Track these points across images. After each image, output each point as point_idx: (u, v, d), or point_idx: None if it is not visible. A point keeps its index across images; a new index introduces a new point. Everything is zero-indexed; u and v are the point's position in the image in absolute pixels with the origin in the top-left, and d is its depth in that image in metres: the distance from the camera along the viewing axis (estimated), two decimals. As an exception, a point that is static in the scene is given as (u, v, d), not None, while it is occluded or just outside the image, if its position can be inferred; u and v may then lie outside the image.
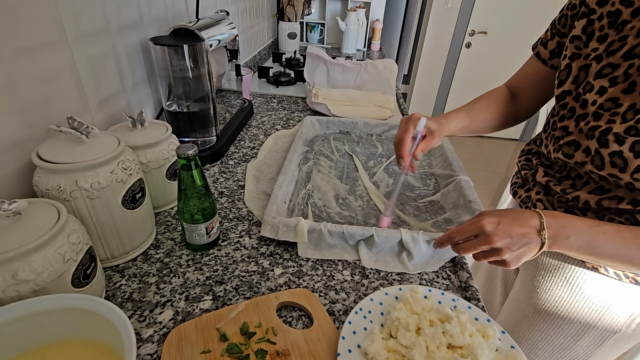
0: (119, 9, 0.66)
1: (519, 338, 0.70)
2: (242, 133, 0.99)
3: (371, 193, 0.74)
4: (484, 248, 0.48)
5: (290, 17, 1.80)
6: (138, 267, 0.54)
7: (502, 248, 0.46)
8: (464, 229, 0.50)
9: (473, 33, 3.03)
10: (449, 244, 0.52)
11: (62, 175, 0.45)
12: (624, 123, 0.46)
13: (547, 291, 0.64)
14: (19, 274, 0.36)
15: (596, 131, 0.49)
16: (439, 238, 0.54)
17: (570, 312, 0.62)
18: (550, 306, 0.64)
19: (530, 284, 0.67)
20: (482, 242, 0.47)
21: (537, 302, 0.66)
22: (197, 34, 0.72)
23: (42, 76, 0.51)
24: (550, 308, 0.64)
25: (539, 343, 0.67)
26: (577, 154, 0.53)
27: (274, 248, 0.60)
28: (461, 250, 0.50)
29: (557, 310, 0.64)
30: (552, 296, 0.64)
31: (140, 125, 0.61)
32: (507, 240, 0.46)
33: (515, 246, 0.46)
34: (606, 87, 0.49)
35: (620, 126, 0.46)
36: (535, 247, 0.47)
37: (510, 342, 0.44)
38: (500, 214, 0.49)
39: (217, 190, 0.74)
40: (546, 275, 0.64)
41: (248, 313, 0.46)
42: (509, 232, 0.46)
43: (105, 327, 0.35)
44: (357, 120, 0.99)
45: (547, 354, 0.67)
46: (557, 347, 0.66)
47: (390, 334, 0.44)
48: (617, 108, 0.48)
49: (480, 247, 0.48)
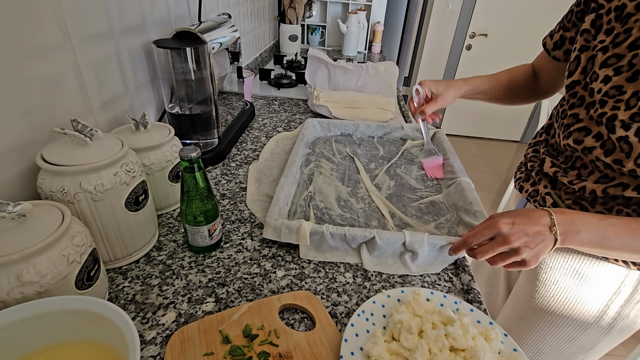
0: (122, 12, 0.67)
1: (525, 331, 0.70)
2: (244, 135, 0.99)
3: (373, 195, 0.74)
4: (502, 249, 0.48)
5: (291, 19, 1.81)
6: (141, 269, 0.54)
7: (520, 247, 0.47)
8: (479, 232, 0.50)
9: (474, 35, 3.04)
10: (464, 249, 0.52)
11: (66, 178, 0.45)
12: (627, 110, 0.48)
13: (555, 282, 0.65)
14: (24, 276, 0.36)
15: (603, 118, 0.51)
16: (454, 244, 0.54)
17: (577, 301, 0.63)
18: (557, 297, 0.65)
19: (534, 276, 0.67)
20: (500, 243, 0.48)
21: (544, 294, 0.66)
22: (200, 37, 0.72)
23: (46, 79, 0.52)
24: (557, 299, 0.65)
25: (545, 335, 0.68)
26: (587, 140, 0.54)
27: (276, 250, 0.60)
28: (479, 255, 0.50)
29: (564, 300, 0.64)
30: (559, 287, 0.64)
31: (143, 128, 0.61)
32: (525, 239, 0.47)
33: (532, 244, 0.47)
34: (610, 75, 0.51)
35: (624, 113, 0.48)
36: (550, 243, 0.48)
37: (512, 344, 0.44)
38: (512, 214, 0.50)
39: (219, 192, 0.74)
40: (553, 265, 0.64)
41: (250, 315, 0.47)
42: (525, 231, 0.47)
43: (109, 329, 0.35)
44: (359, 123, 1.00)
45: (554, 345, 0.68)
46: (564, 338, 0.67)
47: (393, 336, 0.44)
48: (621, 95, 0.49)
49: (498, 249, 0.48)
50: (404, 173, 0.83)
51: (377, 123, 1.00)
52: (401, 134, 0.99)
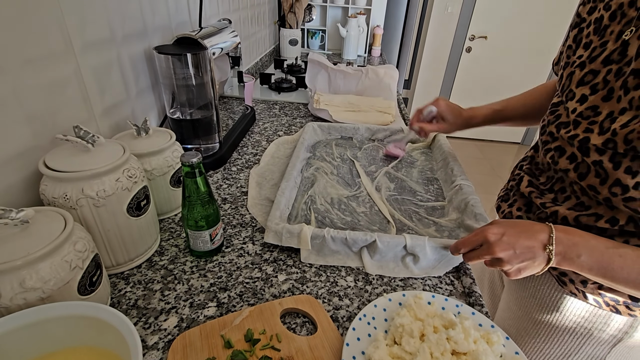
0: (124, 19, 0.67)
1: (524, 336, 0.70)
2: (245, 139, 1.00)
3: (374, 198, 0.74)
4: (486, 258, 0.48)
5: (291, 24, 1.82)
6: (143, 274, 0.55)
7: (503, 259, 0.46)
8: (469, 240, 0.50)
9: (473, 38, 3.05)
10: (458, 254, 0.53)
11: (69, 184, 0.45)
12: (601, 134, 0.46)
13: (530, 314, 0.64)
14: (27, 282, 0.36)
15: (575, 140, 0.49)
16: (451, 247, 0.54)
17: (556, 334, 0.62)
18: (538, 324, 0.64)
19: (514, 304, 0.68)
20: (485, 251, 0.48)
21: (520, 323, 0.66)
22: (200, 43, 0.73)
23: (49, 86, 0.52)
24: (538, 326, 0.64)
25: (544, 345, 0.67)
26: (561, 161, 0.53)
27: (277, 254, 0.60)
28: (466, 259, 0.52)
29: (543, 331, 0.63)
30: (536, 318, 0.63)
31: (145, 133, 0.62)
32: (510, 252, 0.46)
33: (517, 259, 0.46)
34: (587, 94, 0.49)
35: (597, 138, 0.46)
36: (542, 262, 0.46)
37: (514, 348, 0.44)
38: (508, 224, 0.49)
39: (221, 196, 0.74)
40: (526, 298, 0.64)
41: (252, 320, 0.47)
42: (512, 245, 0.46)
43: (111, 334, 0.36)
44: (359, 126, 1.00)
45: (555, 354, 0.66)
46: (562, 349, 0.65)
47: (394, 340, 0.44)
48: (596, 117, 0.47)
49: (483, 257, 0.49)
50: (405, 176, 0.83)
51: (377, 126, 1.00)
52: (401, 137, 0.99)
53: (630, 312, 0.53)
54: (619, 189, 0.45)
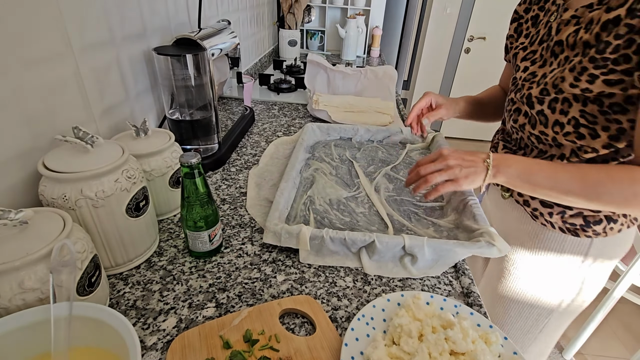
0: (123, 20, 0.67)
1: None
2: (244, 140, 1.00)
3: (372, 199, 0.74)
4: (440, 166, 0.58)
5: (290, 24, 1.82)
6: (141, 275, 0.55)
7: (453, 165, 0.57)
8: (427, 157, 0.62)
9: (472, 38, 3.05)
10: (417, 179, 0.60)
11: (68, 185, 0.46)
12: (538, 87, 0.62)
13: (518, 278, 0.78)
14: (25, 283, 0.36)
15: (523, 97, 0.66)
16: (409, 177, 0.62)
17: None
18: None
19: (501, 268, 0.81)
20: (439, 161, 0.59)
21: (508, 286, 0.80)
22: (200, 44, 0.73)
23: (48, 87, 0.52)
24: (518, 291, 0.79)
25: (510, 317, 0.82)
26: (520, 118, 0.68)
27: (276, 255, 0.60)
28: (428, 178, 0.58)
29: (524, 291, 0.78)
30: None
31: (144, 134, 0.62)
32: (459, 161, 0.58)
33: (465, 164, 0.57)
34: (528, 66, 0.67)
35: (536, 90, 0.62)
36: (482, 171, 0.57)
37: (512, 348, 0.44)
38: None
39: (220, 197, 0.74)
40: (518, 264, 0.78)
41: (251, 320, 0.47)
42: (462, 157, 0.58)
43: (110, 334, 0.36)
44: (358, 127, 1.00)
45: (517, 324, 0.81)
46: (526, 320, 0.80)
47: (393, 340, 0.44)
48: (534, 78, 0.65)
49: (437, 166, 0.58)
50: (404, 177, 0.83)
51: (376, 127, 1.01)
52: (400, 137, 0.99)
53: (585, 234, 0.67)
54: (558, 128, 0.60)
